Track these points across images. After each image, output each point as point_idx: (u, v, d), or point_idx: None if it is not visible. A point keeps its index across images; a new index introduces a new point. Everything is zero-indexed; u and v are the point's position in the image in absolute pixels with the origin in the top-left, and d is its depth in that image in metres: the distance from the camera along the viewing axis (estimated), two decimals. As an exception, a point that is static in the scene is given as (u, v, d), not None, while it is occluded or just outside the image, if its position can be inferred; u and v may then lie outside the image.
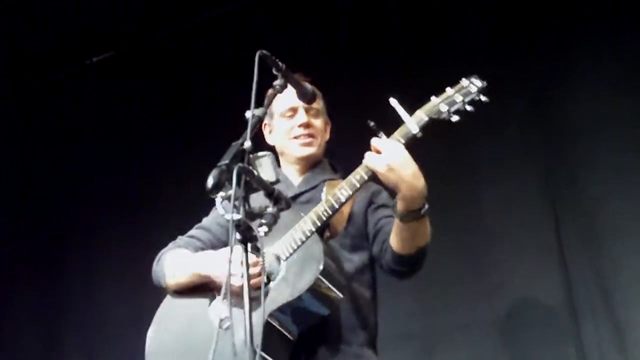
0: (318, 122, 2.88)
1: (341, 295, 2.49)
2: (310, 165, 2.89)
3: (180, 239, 2.94)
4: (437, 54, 4.27)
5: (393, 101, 2.50)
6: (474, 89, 2.52)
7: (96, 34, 5.24)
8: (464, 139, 4.16)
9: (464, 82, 2.54)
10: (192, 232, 2.97)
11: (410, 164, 2.41)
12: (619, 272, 3.71)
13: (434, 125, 2.51)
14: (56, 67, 5.49)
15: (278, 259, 2.53)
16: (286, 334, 2.48)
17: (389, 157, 2.39)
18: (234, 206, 1.93)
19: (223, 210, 1.98)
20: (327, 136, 2.95)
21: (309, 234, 2.49)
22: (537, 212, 3.94)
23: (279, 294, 2.44)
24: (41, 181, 5.52)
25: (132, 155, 5.22)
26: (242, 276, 1.98)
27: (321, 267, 2.41)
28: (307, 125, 2.83)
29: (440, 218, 2.70)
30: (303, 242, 2.49)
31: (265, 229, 2.01)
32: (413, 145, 2.49)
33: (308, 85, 2.60)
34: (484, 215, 4.05)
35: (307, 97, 2.61)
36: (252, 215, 2.00)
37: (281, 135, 2.89)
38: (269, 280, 2.49)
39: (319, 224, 2.50)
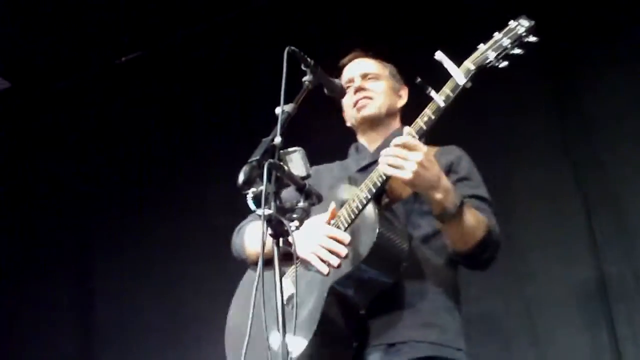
0: (376, 85, 2.85)
1: (404, 263, 2.42)
2: (380, 129, 2.83)
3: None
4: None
5: (439, 54, 2.44)
6: (521, 30, 2.42)
7: (122, 34, 5.29)
8: (493, 127, 4.17)
9: (512, 23, 2.44)
10: None
11: (434, 163, 2.37)
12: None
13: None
14: (81, 67, 5.56)
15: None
16: (354, 305, 2.43)
17: (414, 162, 2.31)
18: (265, 201, 1.94)
19: (254, 206, 1.99)
20: (402, 101, 2.90)
21: (365, 202, 2.43)
22: (568, 200, 3.94)
23: (342, 264, 2.39)
24: (68, 177, 5.59)
25: (156, 150, 5.29)
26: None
27: (377, 234, 2.34)
28: (360, 89, 2.81)
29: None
30: (360, 211, 2.43)
31: (296, 223, 2.02)
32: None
33: (337, 81, 2.59)
34: (514, 204, 4.04)
35: (336, 93, 2.61)
36: (283, 210, 2.01)
37: (347, 111, 2.91)
38: None
39: (374, 191, 2.42)
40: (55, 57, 5.46)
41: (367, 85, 2.84)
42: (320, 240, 2.43)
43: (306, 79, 2.41)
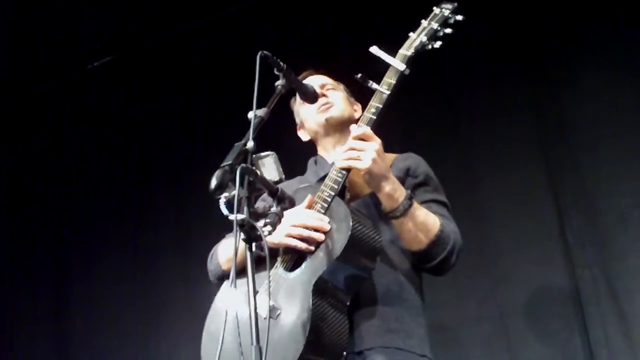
0: (335, 94, 2.88)
1: (378, 256, 2.43)
2: (342, 136, 2.81)
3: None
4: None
5: (374, 48, 2.58)
6: (447, 12, 2.63)
7: (96, 39, 5.26)
8: (466, 128, 4.20)
9: (436, 10, 2.65)
10: None
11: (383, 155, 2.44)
12: (623, 261, 3.72)
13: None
14: (56, 71, 5.52)
15: None
16: (339, 298, 2.39)
17: (372, 150, 2.39)
18: (238, 206, 1.93)
19: (227, 211, 1.97)
20: (357, 114, 2.89)
21: (330, 200, 2.44)
22: (542, 203, 3.95)
23: (318, 264, 2.37)
24: (41, 184, 5.56)
25: (132, 158, 5.26)
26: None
27: (350, 224, 2.34)
28: (321, 95, 2.79)
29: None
30: (326, 210, 2.44)
31: (269, 228, 2.01)
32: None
33: (309, 85, 2.60)
34: (488, 207, 4.07)
35: (309, 97, 2.62)
36: (256, 215, 2.00)
37: (308, 119, 2.90)
38: (304, 257, 2.42)
39: (336, 187, 2.45)
40: (27, 64, 5.42)
41: (327, 93, 2.85)
42: (295, 220, 2.40)
43: (279, 83, 2.41)
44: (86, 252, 5.26)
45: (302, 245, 2.40)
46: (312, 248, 2.39)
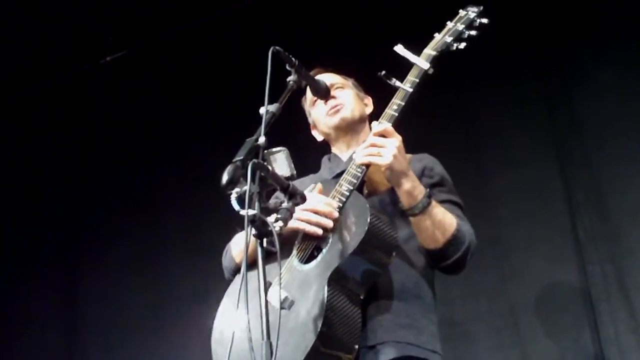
0: (344, 93, 2.87)
1: (394, 252, 2.43)
2: (353, 135, 2.84)
3: None
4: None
5: (399, 47, 2.62)
6: (472, 15, 2.68)
7: (109, 33, 5.27)
8: (477, 125, 4.19)
9: (462, 12, 2.70)
10: None
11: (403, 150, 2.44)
12: (635, 257, 3.71)
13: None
14: (68, 66, 5.54)
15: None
16: (354, 291, 2.40)
17: (392, 147, 2.40)
18: (249, 202, 1.93)
19: (238, 207, 1.97)
20: (368, 109, 2.92)
21: (348, 194, 2.45)
22: (554, 200, 3.95)
23: (334, 257, 2.38)
24: (52, 177, 5.59)
25: (142, 152, 5.28)
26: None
27: (368, 219, 2.34)
28: (330, 97, 2.79)
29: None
30: (344, 203, 2.44)
31: (280, 224, 2.01)
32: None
33: (321, 81, 2.62)
34: (498, 203, 4.07)
35: (321, 92, 2.62)
36: (267, 210, 2.00)
37: (320, 121, 2.90)
38: (319, 250, 2.44)
39: (355, 182, 2.46)
40: (38, 58, 5.44)
41: (336, 93, 2.84)
42: (306, 205, 2.38)
43: (290, 79, 2.42)
44: (96, 244, 5.29)
45: (311, 229, 2.41)
46: (320, 232, 2.41)
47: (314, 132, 3.01)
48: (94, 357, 5.06)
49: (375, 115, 2.75)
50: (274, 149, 2.13)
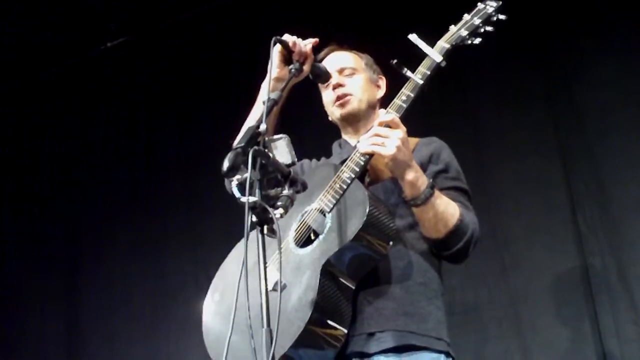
0: (354, 80, 2.82)
1: (390, 242, 2.43)
2: (362, 123, 2.81)
3: None
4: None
5: (413, 36, 2.56)
6: (490, 10, 2.61)
7: (111, 19, 5.26)
8: (479, 115, 4.18)
9: (480, 5, 2.63)
10: None
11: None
12: (635, 249, 3.72)
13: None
14: (70, 52, 5.53)
15: (322, 212, 2.45)
16: (345, 282, 2.40)
17: (396, 138, 2.38)
18: (250, 189, 1.92)
19: (238, 194, 1.96)
20: (380, 91, 2.87)
21: (349, 181, 2.43)
22: (555, 191, 3.95)
23: (330, 244, 2.38)
24: (53, 165, 5.61)
25: (143, 140, 5.29)
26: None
27: (367, 210, 2.34)
28: (337, 86, 2.78)
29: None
30: (345, 190, 2.43)
31: (281, 211, 2.00)
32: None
33: (322, 66, 2.61)
34: (499, 193, 4.07)
35: (322, 78, 2.60)
36: (268, 198, 1.99)
37: (328, 108, 2.88)
38: (316, 235, 2.43)
39: (357, 170, 2.44)
40: (40, 44, 5.43)
41: (345, 81, 2.80)
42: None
43: (292, 66, 2.42)
44: (97, 234, 5.30)
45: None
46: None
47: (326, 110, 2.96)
48: (94, 346, 5.08)
49: (388, 99, 2.71)
50: (275, 136, 2.11)
